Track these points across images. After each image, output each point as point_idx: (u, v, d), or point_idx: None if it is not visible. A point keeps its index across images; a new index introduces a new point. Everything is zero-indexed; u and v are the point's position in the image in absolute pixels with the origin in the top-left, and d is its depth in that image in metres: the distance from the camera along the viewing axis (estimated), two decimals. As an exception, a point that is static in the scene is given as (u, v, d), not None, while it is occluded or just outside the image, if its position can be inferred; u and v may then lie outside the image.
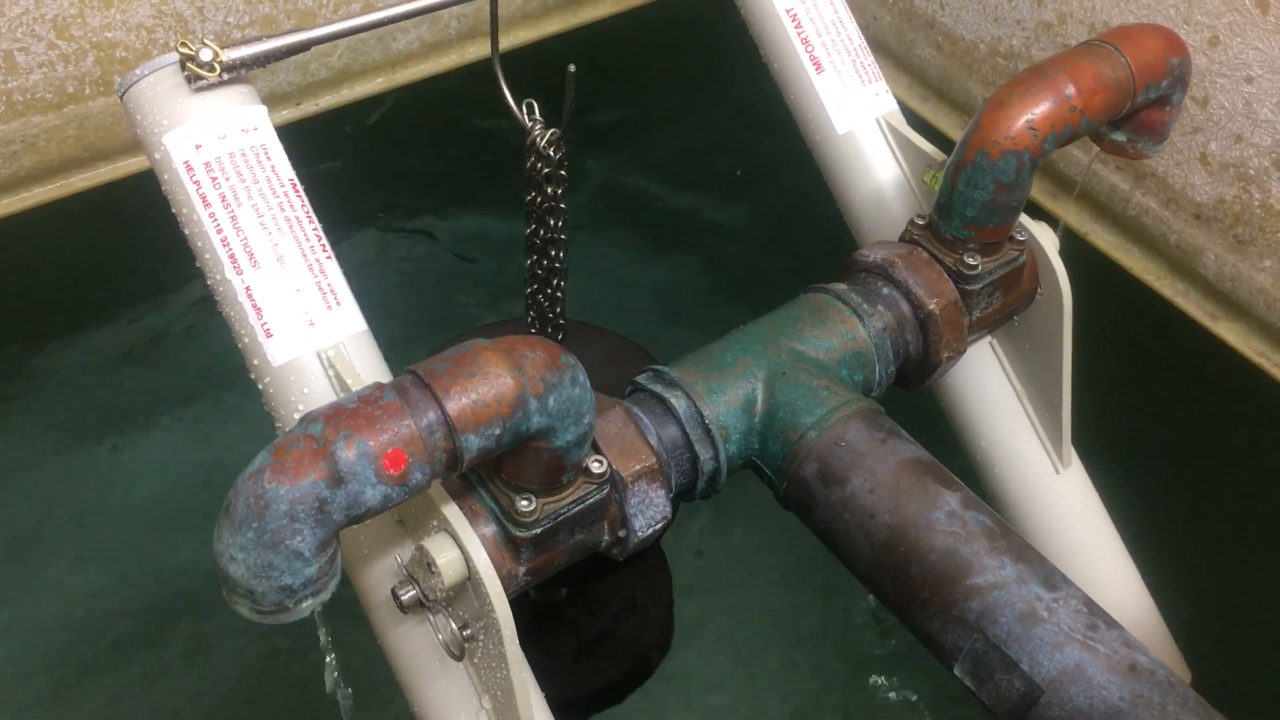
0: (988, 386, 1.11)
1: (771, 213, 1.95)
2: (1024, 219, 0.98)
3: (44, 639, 1.40)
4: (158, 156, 0.83)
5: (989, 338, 1.10)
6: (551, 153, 0.97)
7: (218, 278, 0.82)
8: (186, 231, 0.83)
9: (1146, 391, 1.62)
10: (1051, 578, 0.74)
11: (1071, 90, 0.89)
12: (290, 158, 0.85)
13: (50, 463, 1.56)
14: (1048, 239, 1.00)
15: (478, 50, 1.77)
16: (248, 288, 0.80)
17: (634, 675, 1.24)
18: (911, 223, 0.99)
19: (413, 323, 1.67)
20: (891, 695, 1.43)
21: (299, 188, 0.84)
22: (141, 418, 1.61)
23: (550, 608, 1.22)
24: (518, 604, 0.74)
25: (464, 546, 0.71)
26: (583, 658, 1.18)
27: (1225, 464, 1.55)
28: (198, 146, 0.82)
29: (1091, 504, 1.13)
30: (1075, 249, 1.22)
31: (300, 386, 0.80)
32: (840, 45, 1.09)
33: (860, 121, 1.08)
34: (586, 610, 1.23)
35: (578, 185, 1.26)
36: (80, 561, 1.47)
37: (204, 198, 0.81)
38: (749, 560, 1.54)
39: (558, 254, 1.06)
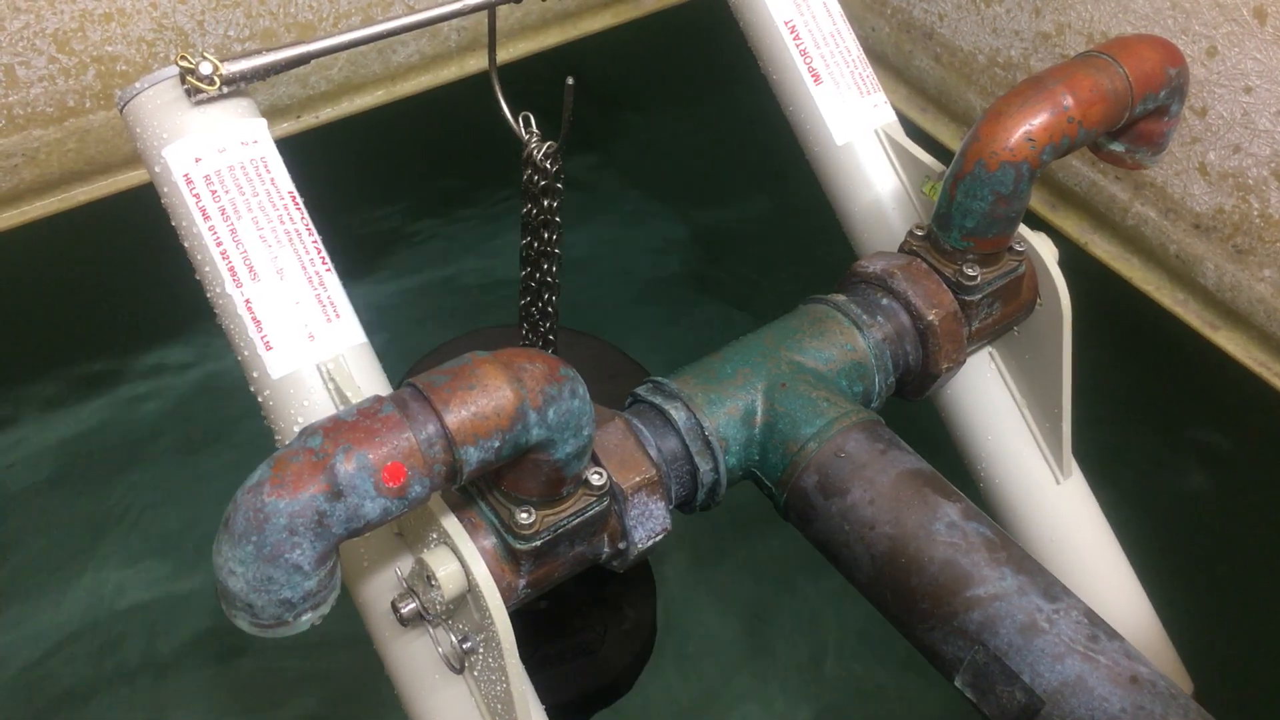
0: (988, 397, 1.11)
1: (770, 223, 1.95)
2: (1023, 229, 0.99)
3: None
4: (157, 170, 0.83)
5: (989, 348, 1.10)
6: (548, 165, 0.97)
7: (217, 291, 0.82)
8: (186, 244, 0.83)
9: (1147, 401, 1.62)
10: (1052, 589, 0.74)
11: (1069, 101, 0.89)
12: (290, 170, 0.85)
13: (46, 474, 1.56)
14: (1046, 249, 1.00)
15: (478, 62, 1.77)
16: (247, 300, 0.80)
17: (597, 697, 1.24)
18: (910, 233, 0.99)
19: (413, 335, 1.67)
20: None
21: (298, 200, 0.85)
22: (141, 429, 1.61)
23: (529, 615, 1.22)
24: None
25: (464, 559, 0.71)
26: (543, 666, 1.17)
27: (1226, 473, 1.54)
28: (197, 160, 0.82)
29: (1092, 514, 1.13)
30: (1074, 259, 1.22)
31: (300, 399, 0.80)
32: (839, 56, 1.09)
33: (859, 132, 1.08)
34: (563, 623, 1.23)
35: (576, 197, 1.26)
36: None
37: (204, 211, 0.81)
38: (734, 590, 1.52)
39: (550, 267, 1.05)
